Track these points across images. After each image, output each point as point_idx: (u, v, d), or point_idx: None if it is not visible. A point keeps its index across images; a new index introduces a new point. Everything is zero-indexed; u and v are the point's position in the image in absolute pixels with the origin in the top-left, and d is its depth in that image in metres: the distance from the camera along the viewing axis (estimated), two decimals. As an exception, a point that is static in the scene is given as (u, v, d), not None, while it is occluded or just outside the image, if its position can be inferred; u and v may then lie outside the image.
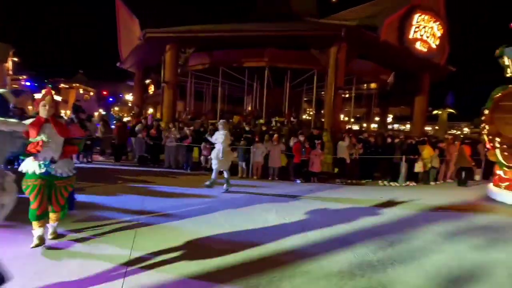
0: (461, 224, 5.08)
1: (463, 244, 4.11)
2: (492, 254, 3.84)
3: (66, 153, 3.17)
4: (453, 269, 3.30)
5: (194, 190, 6.60)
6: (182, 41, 12.30)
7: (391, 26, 11.79)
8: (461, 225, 5.01)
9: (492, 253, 3.88)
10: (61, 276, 2.63)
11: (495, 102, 7.31)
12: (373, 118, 20.20)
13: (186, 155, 9.49)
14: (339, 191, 7.63)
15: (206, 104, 18.63)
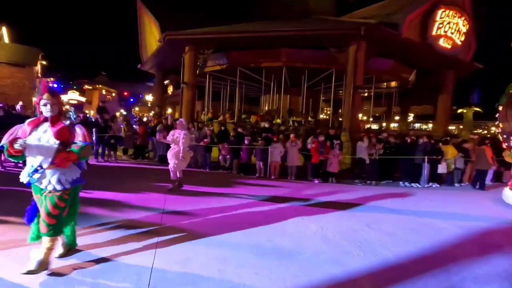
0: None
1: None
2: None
3: (59, 160, 2.52)
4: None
5: (213, 189, 6.75)
6: (201, 43, 12.53)
7: (413, 23, 11.44)
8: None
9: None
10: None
11: (510, 97, 6.66)
12: (393, 117, 19.68)
13: (205, 154, 9.69)
14: (357, 193, 7.55)
15: (224, 104, 18.86)
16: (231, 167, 9.38)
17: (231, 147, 9.30)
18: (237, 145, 9.32)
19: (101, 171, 8.25)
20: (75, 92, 48.52)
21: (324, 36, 11.36)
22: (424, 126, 26.44)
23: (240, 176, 8.79)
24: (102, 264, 2.89)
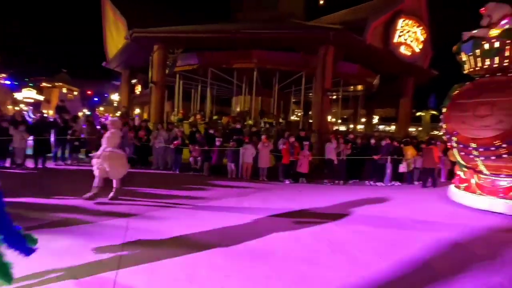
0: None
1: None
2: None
3: None
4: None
5: (180, 191, 6.57)
6: (170, 42, 12.22)
7: (376, 30, 12.11)
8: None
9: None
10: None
11: (453, 100, 6.86)
12: (360, 119, 20.63)
13: (175, 156, 9.43)
14: (328, 192, 7.78)
15: (195, 104, 18.52)
16: (202, 169, 9.22)
17: (202, 149, 9.14)
18: (208, 147, 9.19)
19: (60, 175, 7.69)
20: (31, 90, 44.85)
21: (294, 39, 11.63)
22: (387, 128, 28.00)
23: (211, 178, 8.66)
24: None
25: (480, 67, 6.47)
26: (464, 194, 6.72)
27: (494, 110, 5.92)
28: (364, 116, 21.08)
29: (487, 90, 6.20)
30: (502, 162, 6.02)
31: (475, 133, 6.16)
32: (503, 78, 6.22)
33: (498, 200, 6.03)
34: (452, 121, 6.72)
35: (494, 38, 6.14)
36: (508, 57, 6.07)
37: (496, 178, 6.30)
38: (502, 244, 4.24)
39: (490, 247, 4.14)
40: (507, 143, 5.73)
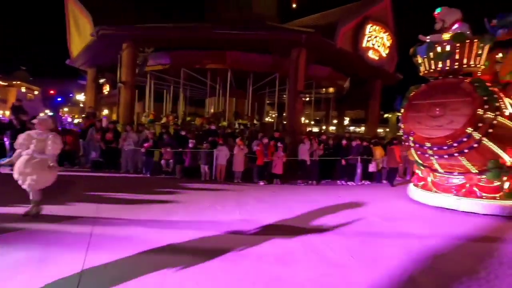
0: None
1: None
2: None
3: None
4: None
5: (151, 196, 6.32)
6: (140, 40, 11.78)
7: (346, 34, 12.54)
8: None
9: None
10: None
11: (409, 101, 7.04)
12: (332, 120, 21.25)
13: (146, 159, 9.08)
14: (301, 192, 7.88)
15: (167, 105, 18.02)
16: (174, 171, 8.96)
17: (174, 151, 8.88)
18: (180, 149, 8.95)
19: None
20: (-16, 88, 41.12)
21: (268, 41, 11.70)
22: (357, 129, 29.10)
23: (184, 180, 8.45)
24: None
25: (433, 70, 6.72)
26: (421, 192, 6.96)
27: (446, 111, 6.17)
28: (335, 117, 21.74)
29: (440, 92, 6.45)
30: (454, 161, 6.29)
31: (429, 133, 6.36)
32: (454, 80, 6.45)
33: (452, 197, 6.36)
34: (409, 121, 6.90)
35: (445, 42, 6.40)
36: (458, 60, 6.35)
37: (450, 176, 6.59)
38: (447, 240, 4.53)
39: (438, 241, 4.41)
40: (458, 143, 5.99)
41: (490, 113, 5.81)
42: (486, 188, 6.11)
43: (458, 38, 6.27)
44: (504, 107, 6.02)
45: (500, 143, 5.92)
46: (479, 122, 5.80)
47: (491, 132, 5.80)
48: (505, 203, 5.93)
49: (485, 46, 6.36)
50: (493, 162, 5.99)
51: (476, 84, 6.02)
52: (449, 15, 6.65)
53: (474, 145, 5.88)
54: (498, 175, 6.01)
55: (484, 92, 5.88)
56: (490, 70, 7.12)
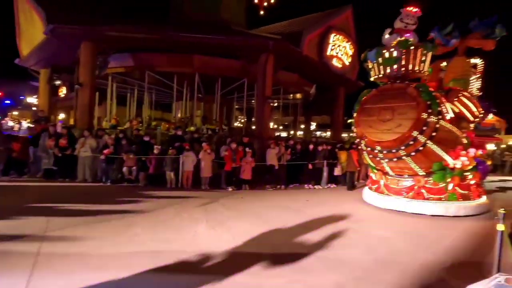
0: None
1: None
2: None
3: None
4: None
5: (111, 206, 5.92)
6: (101, 40, 11.11)
7: (311, 42, 12.96)
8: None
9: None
10: None
11: (361, 105, 7.12)
12: (299, 125, 21.75)
13: (106, 166, 8.51)
14: (270, 197, 7.88)
15: (131, 110, 17.20)
16: (137, 179, 8.51)
17: (137, 158, 8.44)
18: (144, 155, 8.54)
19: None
20: None
21: (236, 46, 11.69)
22: (324, 134, 30.10)
23: (148, 188, 8.05)
24: None
25: (383, 75, 6.87)
26: (375, 195, 7.08)
27: (394, 115, 6.33)
28: (303, 122, 22.28)
29: (388, 96, 6.60)
30: (403, 164, 6.46)
31: (380, 137, 6.50)
32: (401, 85, 6.61)
33: (402, 199, 6.55)
34: (361, 125, 6.99)
35: (392, 48, 6.62)
36: (404, 66, 6.55)
37: (400, 179, 6.76)
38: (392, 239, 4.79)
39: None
40: (405, 146, 6.16)
41: (433, 117, 6.05)
42: (433, 190, 6.37)
43: (403, 45, 6.51)
44: (446, 112, 6.31)
45: (443, 146, 6.19)
46: (423, 126, 6.00)
47: (435, 136, 6.06)
48: (449, 204, 6.23)
49: (428, 53, 6.63)
50: (438, 164, 6.27)
51: (421, 89, 6.25)
52: (414, 20, 6.84)
53: (420, 148, 6.10)
54: (443, 176, 6.29)
55: (428, 97, 6.11)
56: (436, 77, 7.57)
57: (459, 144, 6.40)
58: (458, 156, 6.28)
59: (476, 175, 6.71)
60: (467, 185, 6.49)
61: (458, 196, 6.31)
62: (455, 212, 6.13)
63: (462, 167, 6.29)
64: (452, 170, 6.30)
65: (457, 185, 6.32)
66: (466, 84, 7.56)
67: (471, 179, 6.58)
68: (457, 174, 6.30)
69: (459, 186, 6.34)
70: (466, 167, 6.37)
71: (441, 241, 4.68)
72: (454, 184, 6.31)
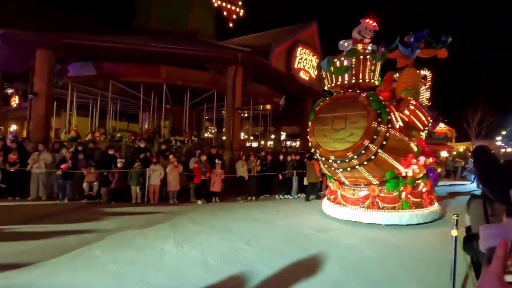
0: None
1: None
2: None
3: None
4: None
5: (69, 225, 5.47)
6: (58, 48, 10.48)
7: (280, 55, 13.32)
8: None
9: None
10: None
11: (316, 114, 6.99)
12: (269, 136, 22.00)
13: (63, 182, 7.89)
14: (240, 209, 7.78)
15: (94, 120, 16.26)
16: (99, 195, 7.98)
17: (99, 172, 7.94)
18: (107, 169, 8.05)
19: None
20: None
21: (205, 57, 11.64)
22: (294, 143, 30.74)
23: (111, 205, 7.57)
24: None
25: (335, 84, 6.75)
26: (333, 205, 6.97)
27: (347, 124, 6.29)
28: (273, 132, 22.60)
29: (341, 105, 6.55)
30: (357, 173, 6.37)
31: (333, 146, 6.41)
32: (352, 94, 6.51)
33: (359, 209, 6.46)
34: (315, 134, 6.83)
35: (343, 57, 6.51)
36: (355, 75, 6.46)
37: (356, 188, 6.68)
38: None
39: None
40: (357, 155, 6.04)
41: (383, 125, 5.99)
42: (386, 199, 6.35)
43: (351, 54, 6.43)
44: (395, 120, 6.28)
45: (394, 155, 6.19)
46: (374, 135, 5.93)
47: (385, 144, 6.00)
48: (402, 213, 6.24)
49: (377, 63, 6.57)
50: (390, 173, 6.26)
51: (371, 98, 6.20)
52: (371, 35, 6.80)
53: (372, 157, 6.03)
54: (396, 185, 6.28)
55: (377, 106, 6.06)
56: (389, 87, 7.55)
57: (410, 152, 6.45)
58: (409, 164, 6.35)
59: (428, 183, 6.83)
60: (419, 193, 6.58)
61: (411, 204, 6.35)
62: (408, 221, 6.17)
63: (414, 175, 6.37)
64: (404, 179, 6.36)
65: (410, 193, 6.38)
66: (417, 94, 7.75)
67: (423, 187, 6.68)
68: (409, 183, 6.36)
69: (411, 194, 6.41)
70: (417, 175, 6.45)
71: (402, 248, 4.91)
72: (407, 192, 6.35)
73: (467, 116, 34.40)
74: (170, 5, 14.54)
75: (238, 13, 16.75)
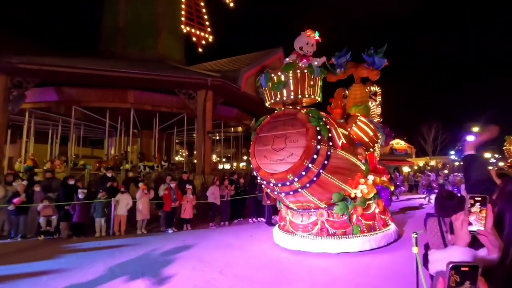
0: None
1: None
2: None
3: None
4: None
5: (24, 267, 4.96)
6: (17, 73, 9.93)
7: (248, 80, 13.69)
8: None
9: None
10: None
11: (257, 133, 6.28)
12: (242, 157, 22.03)
13: (16, 218, 7.19)
14: (215, 237, 7.58)
15: (54, 148, 15.27)
16: (58, 230, 7.37)
17: (57, 205, 7.37)
18: (68, 201, 7.51)
19: None
20: None
21: (175, 82, 11.65)
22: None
23: (72, 240, 7.01)
24: None
25: (275, 100, 6.14)
26: (282, 234, 6.33)
27: (286, 143, 5.68)
28: (245, 154, 22.69)
29: (281, 123, 5.96)
30: (301, 197, 5.71)
31: (274, 168, 5.69)
32: (292, 111, 5.94)
33: (308, 237, 5.87)
34: (256, 155, 6.09)
35: (279, 72, 5.93)
36: (293, 90, 5.86)
37: (304, 214, 6.08)
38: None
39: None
40: (298, 177, 5.38)
41: (323, 144, 5.42)
42: (336, 224, 5.84)
43: (288, 68, 5.85)
44: (338, 137, 5.71)
45: (339, 175, 5.65)
46: (314, 154, 5.33)
47: (327, 164, 5.42)
48: (353, 240, 5.72)
49: (317, 78, 5.98)
50: (337, 195, 5.74)
51: (311, 115, 5.68)
52: (313, 49, 6.20)
53: (314, 178, 5.40)
54: (345, 208, 5.78)
55: (316, 122, 5.52)
56: (340, 104, 7.30)
57: (357, 171, 5.98)
58: (357, 184, 5.94)
59: (380, 203, 6.35)
60: (371, 215, 6.13)
61: (363, 228, 5.89)
62: (360, 247, 5.65)
63: (363, 196, 5.94)
64: (354, 200, 5.91)
65: (361, 216, 5.93)
66: (366, 109, 7.35)
67: (375, 208, 6.23)
68: (359, 204, 5.91)
69: (363, 217, 5.96)
70: (367, 195, 5.99)
71: (371, 267, 5.05)
72: (357, 215, 5.90)
73: (423, 133, 37.35)
74: (137, 31, 14.54)
75: (207, 39, 17.16)
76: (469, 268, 0.83)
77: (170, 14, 15.56)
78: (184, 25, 15.98)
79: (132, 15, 14.70)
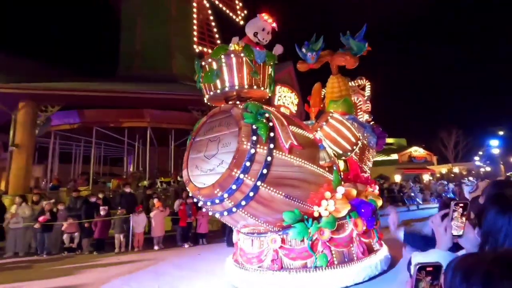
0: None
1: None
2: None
3: None
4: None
5: (49, 282, 5.22)
6: (42, 98, 10.68)
7: (260, 94, 13.95)
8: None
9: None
10: None
11: (192, 138, 4.72)
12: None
13: (42, 236, 7.59)
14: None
15: (76, 167, 16.02)
16: (80, 247, 7.69)
17: (79, 222, 7.73)
18: (89, 218, 7.86)
19: None
20: None
21: (188, 100, 12.09)
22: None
23: (94, 256, 7.29)
24: None
25: (210, 95, 4.62)
26: (231, 266, 4.90)
27: (219, 148, 4.20)
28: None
29: (216, 123, 4.50)
30: (240, 219, 4.23)
31: (202, 181, 4.20)
32: (228, 107, 4.40)
33: (258, 272, 4.35)
34: (189, 165, 4.53)
35: (210, 58, 4.45)
36: (228, 81, 4.35)
37: (255, 239, 4.57)
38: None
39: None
40: (228, 192, 3.87)
41: (261, 146, 3.88)
42: (293, 253, 4.27)
43: (216, 52, 4.38)
44: (286, 138, 4.05)
45: (290, 188, 4.08)
46: (246, 161, 3.81)
47: (267, 174, 3.88)
48: (316, 274, 4.12)
49: (260, 65, 4.44)
50: (290, 215, 4.15)
51: (247, 109, 4.12)
52: (269, 37, 4.94)
53: (250, 194, 3.87)
54: (304, 231, 4.20)
55: (252, 119, 3.98)
56: (319, 101, 6.47)
57: (320, 182, 4.39)
58: (321, 199, 4.34)
59: (358, 223, 4.63)
60: (346, 239, 4.47)
61: (330, 258, 4.24)
62: (327, 285, 4.09)
63: (331, 214, 4.32)
64: (318, 221, 4.30)
65: (329, 241, 4.32)
66: (347, 105, 5.96)
67: (352, 230, 4.56)
68: (325, 226, 4.28)
69: (332, 242, 4.34)
70: (338, 214, 4.36)
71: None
72: (323, 240, 4.29)
73: (442, 140, 36.08)
74: (153, 52, 15.31)
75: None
76: (433, 267, 0.90)
77: (183, 34, 16.29)
78: (196, 44, 16.63)
79: (148, 38, 15.53)
